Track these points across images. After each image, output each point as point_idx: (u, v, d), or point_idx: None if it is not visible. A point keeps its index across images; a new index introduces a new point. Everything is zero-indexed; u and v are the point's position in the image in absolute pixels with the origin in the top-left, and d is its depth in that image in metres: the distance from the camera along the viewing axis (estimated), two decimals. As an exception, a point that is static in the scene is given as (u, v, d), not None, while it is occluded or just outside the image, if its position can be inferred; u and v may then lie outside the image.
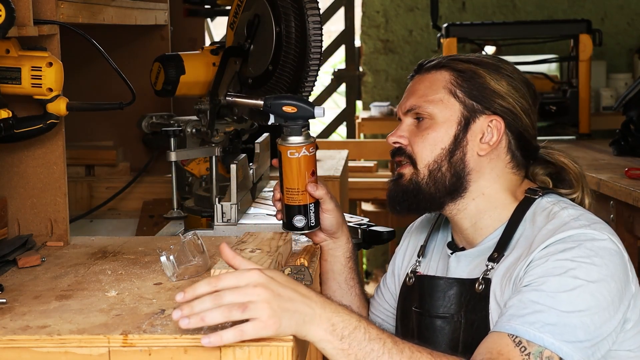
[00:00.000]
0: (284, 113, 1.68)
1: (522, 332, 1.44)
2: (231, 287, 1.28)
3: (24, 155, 1.85)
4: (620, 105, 3.51)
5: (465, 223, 1.67)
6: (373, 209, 4.88)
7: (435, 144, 1.64)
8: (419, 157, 1.65)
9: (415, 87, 1.70)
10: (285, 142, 1.69)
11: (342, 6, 5.72)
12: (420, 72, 1.72)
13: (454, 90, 1.65)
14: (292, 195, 1.70)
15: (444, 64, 1.68)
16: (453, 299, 1.62)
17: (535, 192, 1.64)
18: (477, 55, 1.71)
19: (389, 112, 5.39)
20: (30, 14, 1.70)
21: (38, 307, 1.42)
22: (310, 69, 2.14)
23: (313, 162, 1.71)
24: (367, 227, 2.13)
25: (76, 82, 2.56)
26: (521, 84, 1.67)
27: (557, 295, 1.46)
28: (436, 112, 1.65)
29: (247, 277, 1.30)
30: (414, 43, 5.69)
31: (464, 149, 1.64)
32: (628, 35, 5.59)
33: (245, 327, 1.26)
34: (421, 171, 1.65)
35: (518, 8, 5.63)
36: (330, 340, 1.33)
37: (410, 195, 1.66)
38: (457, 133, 1.64)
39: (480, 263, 1.62)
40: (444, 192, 1.65)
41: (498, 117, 1.64)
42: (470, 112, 1.64)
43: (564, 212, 1.58)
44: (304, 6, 2.12)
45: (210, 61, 2.35)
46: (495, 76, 1.66)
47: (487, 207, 1.65)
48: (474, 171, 1.65)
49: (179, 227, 2.23)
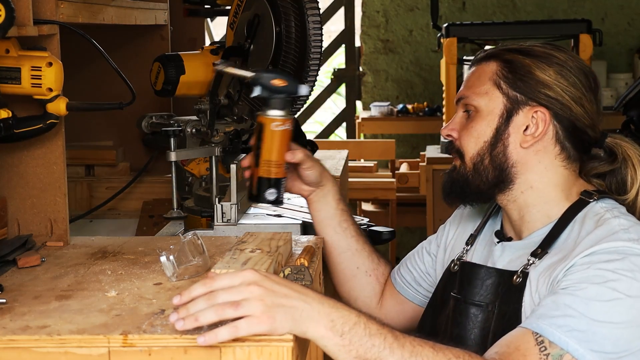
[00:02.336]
0: (273, 86, 1.72)
1: (547, 333, 1.43)
2: (225, 287, 1.30)
3: (23, 155, 1.85)
4: (620, 105, 3.50)
5: (514, 214, 1.67)
6: (373, 209, 4.88)
7: (478, 137, 1.65)
8: (466, 150, 1.67)
9: (467, 78, 1.71)
10: (271, 114, 1.73)
11: (342, 6, 5.72)
12: (475, 63, 1.72)
13: (498, 82, 1.65)
14: (269, 168, 1.74)
15: (494, 55, 1.68)
16: (490, 289, 1.62)
17: (591, 195, 1.62)
18: (530, 44, 1.69)
19: (389, 112, 5.39)
20: (30, 14, 1.69)
21: (38, 307, 1.42)
22: (310, 69, 2.14)
23: (290, 137, 1.77)
24: (367, 227, 2.13)
25: (76, 82, 2.56)
26: (575, 71, 1.64)
27: (592, 303, 1.45)
28: (482, 105, 1.65)
29: (241, 276, 1.31)
30: (414, 43, 5.69)
31: (505, 141, 1.64)
32: (628, 35, 5.59)
33: (239, 324, 1.27)
34: (468, 164, 1.67)
35: (518, 8, 5.63)
36: (331, 337, 1.33)
37: (458, 187, 1.69)
38: (498, 126, 1.64)
39: (522, 256, 1.62)
40: (489, 185, 1.66)
41: (543, 107, 1.62)
42: (514, 103, 1.63)
43: (615, 220, 1.56)
44: (304, 6, 2.12)
45: (210, 61, 2.35)
46: (543, 65, 1.63)
47: (536, 201, 1.64)
48: (518, 163, 1.64)
49: (179, 227, 2.23)
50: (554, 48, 1.68)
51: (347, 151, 3.45)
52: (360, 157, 5.15)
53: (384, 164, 5.28)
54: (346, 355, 1.34)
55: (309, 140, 3.31)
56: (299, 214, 2.11)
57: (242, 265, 1.48)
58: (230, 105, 2.29)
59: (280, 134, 1.73)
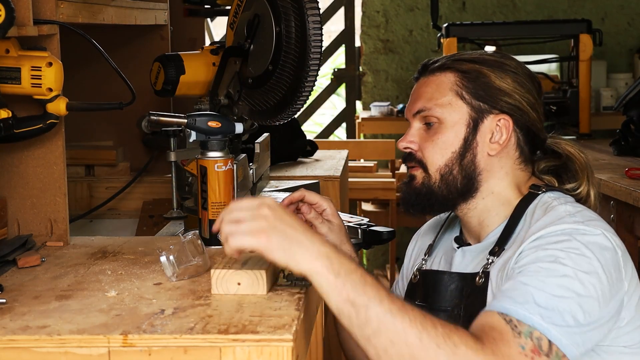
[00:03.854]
0: (209, 128, 1.79)
1: (512, 312, 1.43)
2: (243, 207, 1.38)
3: (23, 155, 1.85)
4: (620, 105, 3.51)
5: (473, 221, 1.69)
6: (373, 209, 4.88)
7: (445, 148, 1.65)
8: (430, 161, 1.67)
9: (422, 90, 1.70)
10: (212, 156, 1.79)
11: (342, 6, 5.72)
12: (424, 74, 1.72)
13: (460, 92, 1.66)
14: (218, 210, 1.79)
15: (448, 66, 1.68)
16: (454, 293, 1.64)
17: (539, 187, 1.65)
18: (480, 53, 1.72)
19: (389, 112, 5.38)
20: (30, 14, 1.69)
21: (38, 307, 1.42)
22: (310, 69, 2.14)
23: (233, 176, 1.82)
24: (367, 227, 2.12)
25: (76, 82, 2.56)
26: (526, 78, 1.68)
27: (547, 279, 1.46)
28: (445, 116, 1.65)
29: (261, 199, 1.39)
30: (414, 43, 5.69)
31: (474, 150, 1.65)
32: (628, 35, 5.59)
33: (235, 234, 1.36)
34: (433, 175, 1.66)
35: (518, 8, 5.63)
36: (325, 275, 1.35)
37: (424, 198, 1.68)
38: (466, 135, 1.65)
39: (483, 258, 1.64)
40: (456, 194, 1.66)
41: (506, 115, 1.65)
42: (478, 112, 1.65)
43: (562, 207, 1.59)
44: (304, 6, 2.12)
45: (210, 61, 2.35)
46: (500, 74, 1.66)
47: (494, 204, 1.67)
48: (484, 171, 1.66)
49: (179, 227, 2.23)
50: (503, 56, 1.72)
51: (347, 151, 3.45)
52: (360, 157, 5.15)
53: (384, 164, 5.27)
54: (337, 296, 1.35)
55: (309, 140, 3.32)
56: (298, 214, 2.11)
57: (242, 265, 1.48)
58: (230, 105, 2.29)
59: (224, 174, 1.78)
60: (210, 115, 1.81)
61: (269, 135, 2.47)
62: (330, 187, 2.80)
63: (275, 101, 2.20)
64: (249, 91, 2.26)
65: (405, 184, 1.71)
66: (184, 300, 1.44)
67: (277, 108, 2.22)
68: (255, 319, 1.34)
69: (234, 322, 1.32)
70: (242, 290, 1.46)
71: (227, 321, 1.32)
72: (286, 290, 1.48)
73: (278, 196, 2.29)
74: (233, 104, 2.29)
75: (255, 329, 1.29)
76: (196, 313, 1.37)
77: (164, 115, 2.01)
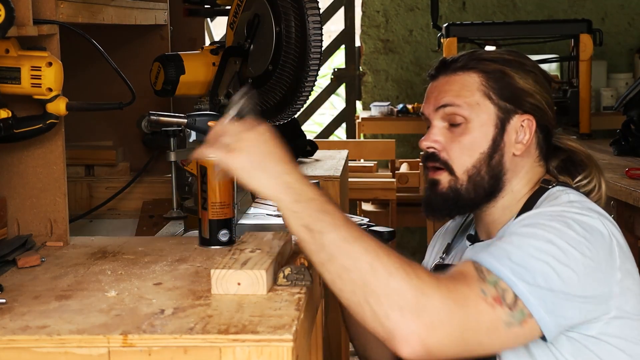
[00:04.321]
0: (209, 128, 1.76)
1: (484, 262, 1.44)
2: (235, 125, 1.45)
3: (23, 155, 1.85)
4: (620, 105, 3.51)
5: (488, 218, 1.69)
6: (373, 209, 4.87)
7: (473, 149, 1.64)
8: (457, 163, 1.65)
9: (445, 88, 1.67)
10: (212, 157, 1.76)
11: (342, 6, 5.72)
12: (444, 73, 1.69)
13: (487, 93, 1.65)
14: (218, 210, 1.77)
15: (472, 66, 1.67)
16: None
17: (549, 182, 1.66)
18: (499, 53, 1.71)
19: (389, 112, 5.38)
20: (30, 14, 1.69)
21: (38, 307, 1.42)
22: (310, 68, 2.14)
23: (233, 177, 1.79)
24: (367, 227, 2.12)
25: (76, 82, 2.55)
26: (543, 77, 1.70)
27: (527, 240, 1.46)
28: (473, 116, 1.64)
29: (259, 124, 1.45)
30: (414, 43, 5.69)
31: (502, 151, 1.65)
32: (629, 35, 5.59)
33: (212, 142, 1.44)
34: (460, 177, 1.65)
35: (518, 8, 5.63)
36: (283, 200, 1.40)
37: (451, 202, 1.66)
38: (495, 136, 1.64)
39: None
40: (483, 195, 1.66)
41: (529, 115, 1.66)
42: (505, 113, 1.65)
43: (565, 196, 1.59)
44: (304, 6, 2.12)
45: (210, 61, 2.35)
46: (522, 74, 1.67)
47: (511, 202, 1.67)
48: (509, 171, 1.66)
49: (178, 227, 2.23)
50: (521, 55, 1.72)
51: (347, 151, 3.44)
52: (360, 157, 5.14)
53: (384, 164, 5.27)
54: (295, 221, 1.39)
55: (309, 140, 3.32)
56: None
57: (242, 265, 1.48)
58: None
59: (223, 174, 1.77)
60: (210, 115, 1.81)
61: (269, 135, 2.47)
62: (330, 187, 2.80)
63: (275, 101, 2.20)
64: (249, 91, 2.26)
65: (429, 189, 1.69)
66: (183, 300, 1.44)
67: (277, 108, 2.22)
68: (255, 319, 1.33)
69: (234, 322, 1.32)
70: (242, 290, 1.46)
71: (227, 321, 1.32)
72: (286, 290, 1.48)
73: None
74: (233, 103, 2.29)
75: (255, 329, 1.29)
76: (196, 313, 1.37)
77: (164, 115, 2.01)
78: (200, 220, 1.81)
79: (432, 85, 1.71)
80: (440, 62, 1.72)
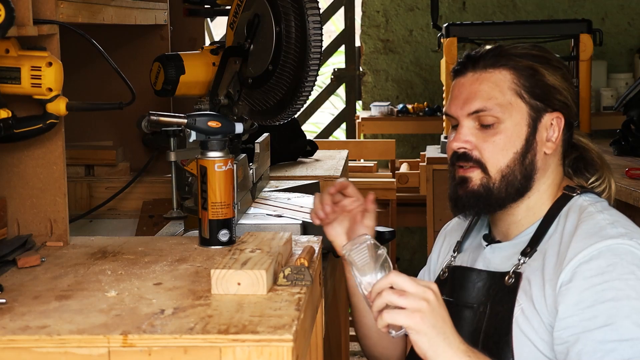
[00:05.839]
0: (209, 128, 1.79)
1: None
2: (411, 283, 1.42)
3: (23, 155, 1.85)
4: (620, 105, 3.51)
5: (509, 219, 1.67)
6: (373, 209, 4.87)
7: (507, 149, 1.63)
8: (491, 162, 1.63)
9: (476, 88, 1.65)
10: (212, 156, 1.78)
11: (342, 6, 5.72)
12: (473, 69, 1.66)
13: (519, 92, 1.63)
14: (218, 210, 1.78)
15: (502, 63, 1.64)
16: (481, 290, 1.63)
17: (574, 189, 1.64)
18: (525, 48, 1.68)
19: (389, 112, 5.38)
20: (30, 14, 1.69)
21: (38, 307, 1.42)
22: (310, 69, 2.14)
23: (233, 176, 1.82)
24: (367, 227, 2.12)
25: (76, 82, 2.56)
26: (567, 72, 1.68)
27: (619, 322, 1.45)
28: (506, 117, 1.62)
29: (428, 282, 1.45)
30: (414, 43, 5.69)
31: (534, 150, 1.64)
32: (629, 35, 5.59)
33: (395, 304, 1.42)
34: (493, 176, 1.64)
35: (518, 8, 5.63)
36: None
37: (482, 200, 1.65)
38: (527, 135, 1.63)
39: (512, 256, 1.63)
40: (513, 194, 1.64)
41: (559, 112, 1.64)
42: (536, 112, 1.64)
43: (599, 215, 1.58)
44: (304, 6, 2.12)
45: (210, 61, 2.35)
46: (551, 71, 1.65)
47: (536, 203, 1.66)
48: (540, 170, 1.65)
49: (179, 227, 2.23)
50: (546, 50, 1.70)
51: (347, 151, 3.44)
52: (360, 157, 5.14)
53: (384, 164, 5.27)
54: None
55: (309, 140, 3.32)
56: (299, 214, 2.11)
57: (242, 265, 1.48)
58: (230, 105, 2.29)
59: (224, 174, 1.78)
60: (210, 115, 1.81)
61: (269, 135, 2.47)
62: (330, 187, 2.79)
63: (275, 101, 2.20)
64: (249, 91, 2.26)
65: (457, 185, 1.67)
66: (183, 300, 1.44)
67: (277, 108, 2.22)
68: (255, 319, 1.33)
69: (234, 322, 1.32)
70: (242, 290, 1.46)
71: (227, 321, 1.32)
72: (286, 290, 1.48)
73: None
74: (233, 104, 2.29)
75: (255, 329, 1.29)
76: (196, 313, 1.37)
77: (164, 115, 2.00)
78: (200, 220, 1.81)
79: (459, 82, 1.68)
80: (465, 57, 1.69)
